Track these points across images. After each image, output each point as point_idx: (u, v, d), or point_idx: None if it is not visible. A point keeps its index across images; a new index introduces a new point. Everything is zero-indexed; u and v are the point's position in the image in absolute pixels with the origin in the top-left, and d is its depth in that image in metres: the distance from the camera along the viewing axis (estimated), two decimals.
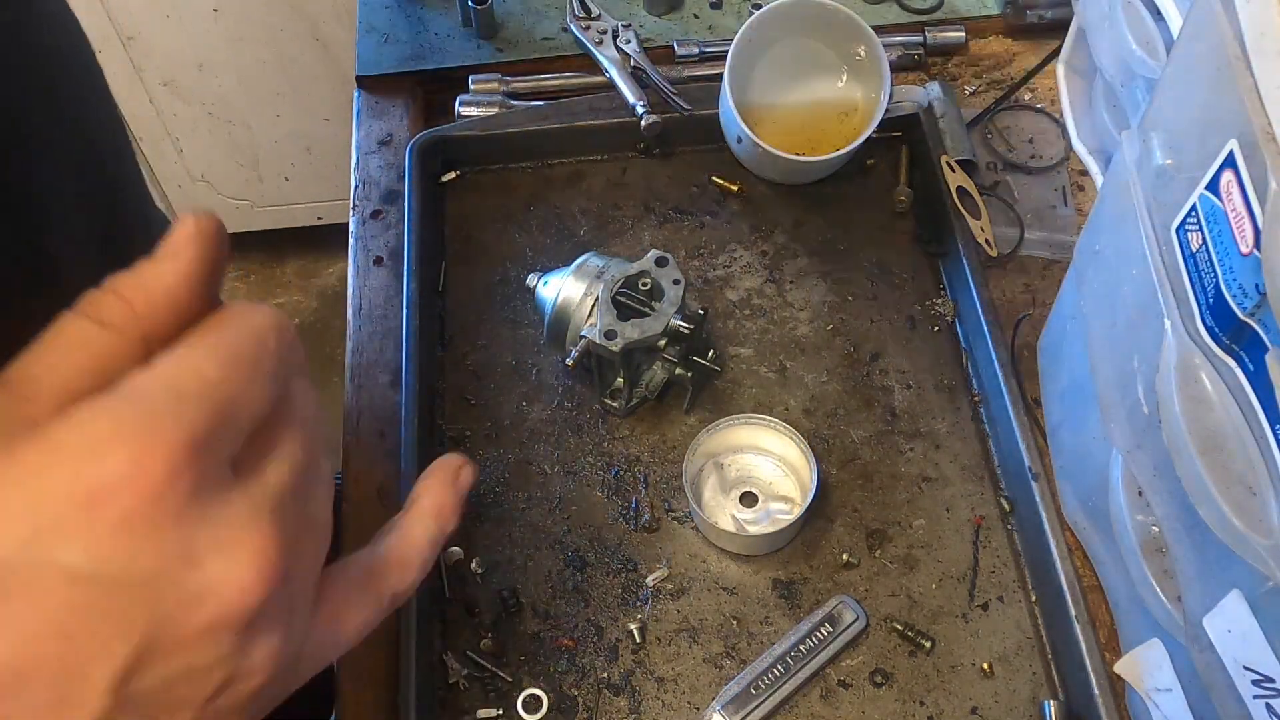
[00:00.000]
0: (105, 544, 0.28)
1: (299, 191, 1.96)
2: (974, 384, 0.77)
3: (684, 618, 0.69)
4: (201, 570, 0.29)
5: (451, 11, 0.96)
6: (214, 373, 0.30)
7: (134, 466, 0.28)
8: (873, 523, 0.72)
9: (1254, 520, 0.45)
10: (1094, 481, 0.64)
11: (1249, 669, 0.48)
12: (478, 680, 0.67)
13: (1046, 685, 0.67)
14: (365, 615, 0.36)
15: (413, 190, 0.83)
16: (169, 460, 0.28)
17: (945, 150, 0.84)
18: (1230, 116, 0.45)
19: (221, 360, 0.30)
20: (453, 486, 0.40)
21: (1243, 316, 0.45)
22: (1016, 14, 0.94)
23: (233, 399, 0.30)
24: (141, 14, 1.66)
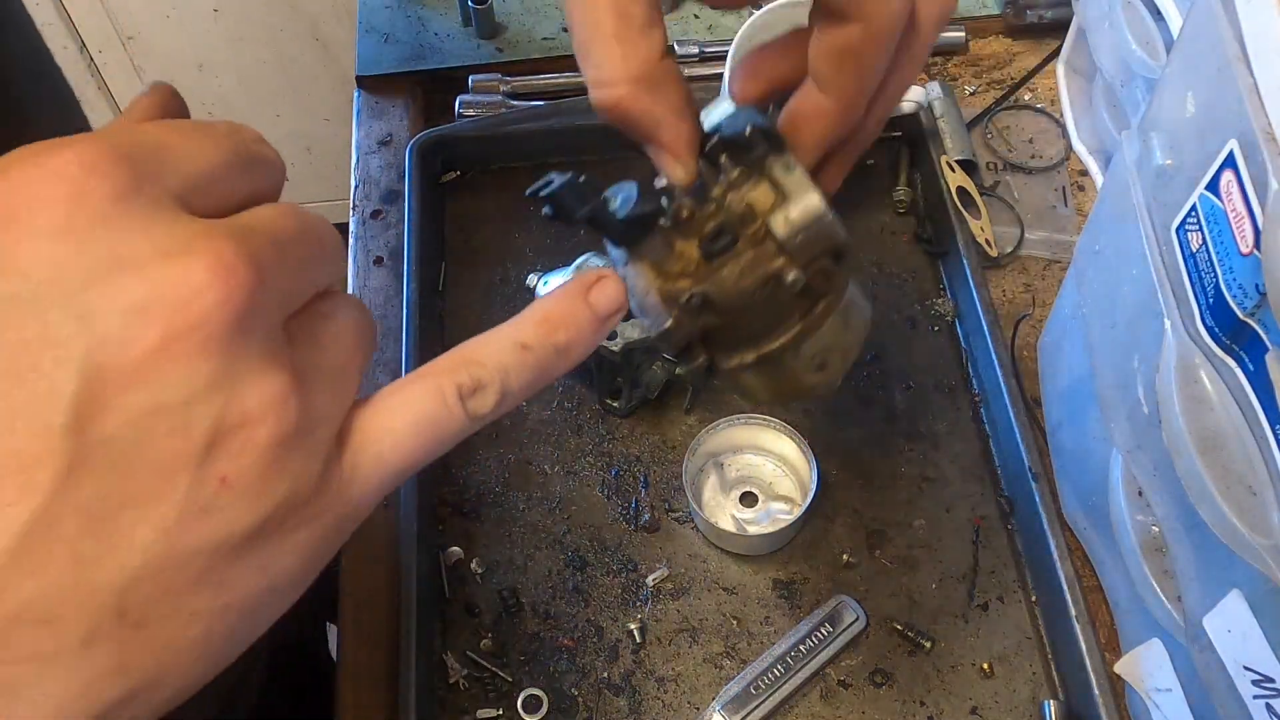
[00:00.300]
0: (21, 257, 0.24)
1: (299, 191, 1.96)
2: (974, 384, 0.77)
3: (684, 618, 0.69)
4: (142, 276, 0.25)
5: (451, 11, 0.96)
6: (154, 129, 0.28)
7: (39, 170, 0.25)
8: (873, 523, 0.72)
9: (1254, 520, 0.45)
10: (1094, 481, 0.64)
11: (1249, 669, 0.48)
12: (478, 680, 0.67)
13: (1046, 685, 0.67)
14: (422, 408, 0.30)
15: (413, 190, 0.83)
16: (80, 159, 0.25)
17: (945, 150, 0.84)
18: (1230, 116, 0.45)
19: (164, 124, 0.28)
20: (577, 297, 0.35)
21: (1243, 316, 0.45)
22: (1016, 14, 0.94)
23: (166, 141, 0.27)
24: (141, 14, 1.66)
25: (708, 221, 0.40)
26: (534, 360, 0.33)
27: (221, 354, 0.25)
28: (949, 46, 0.93)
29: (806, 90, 0.40)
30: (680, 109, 0.38)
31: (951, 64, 0.94)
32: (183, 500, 0.25)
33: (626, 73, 0.37)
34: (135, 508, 0.25)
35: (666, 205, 0.39)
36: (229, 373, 0.26)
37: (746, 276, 0.40)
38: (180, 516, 0.25)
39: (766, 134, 0.40)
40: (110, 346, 0.24)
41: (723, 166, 0.40)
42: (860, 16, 0.37)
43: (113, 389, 0.24)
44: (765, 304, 0.41)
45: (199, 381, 0.25)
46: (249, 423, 0.26)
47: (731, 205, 0.40)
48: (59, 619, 0.24)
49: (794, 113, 0.41)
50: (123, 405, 0.24)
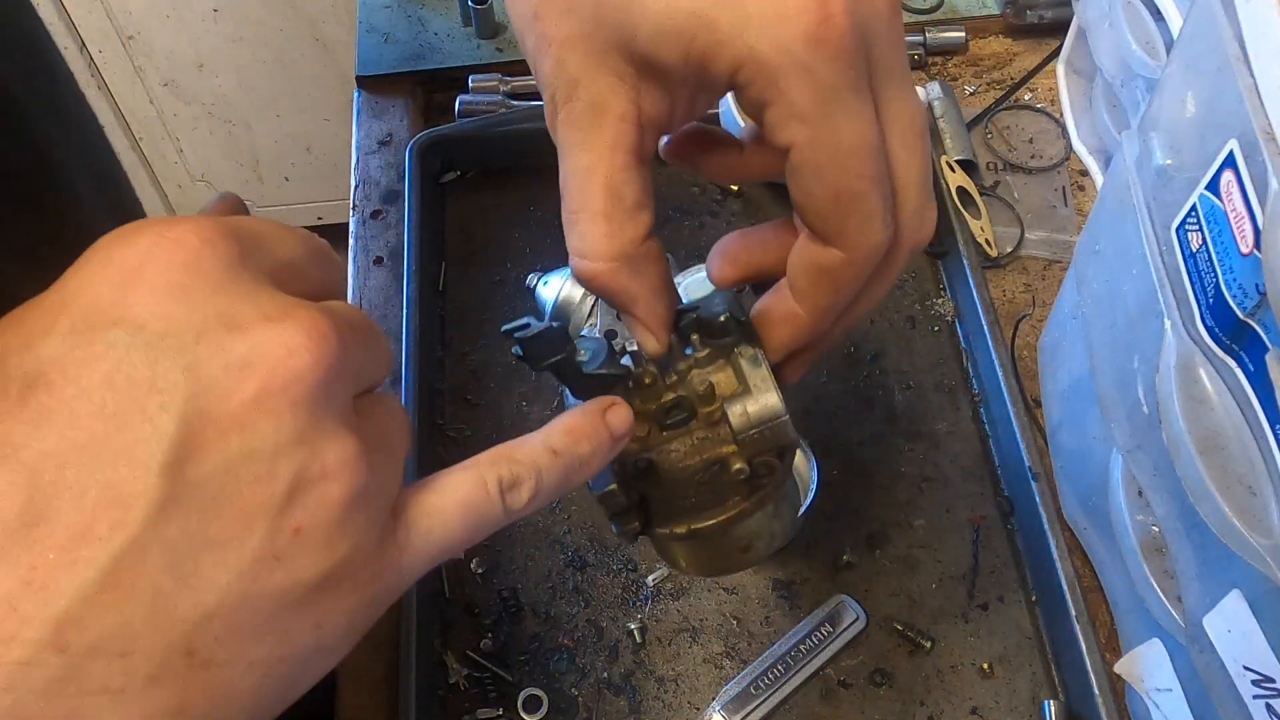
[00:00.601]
0: (139, 309, 0.27)
1: (299, 191, 1.96)
2: (974, 384, 0.77)
3: (684, 618, 0.69)
4: (245, 335, 0.27)
5: (451, 11, 0.96)
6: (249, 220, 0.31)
7: (161, 238, 0.27)
8: (873, 523, 0.72)
9: (1254, 520, 0.45)
10: (1094, 481, 0.64)
11: (1249, 669, 0.48)
12: (478, 680, 0.67)
13: (1046, 685, 0.67)
14: (467, 493, 0.34)
15: (413, 190, 0.83)
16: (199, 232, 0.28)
17: (945, 150, 0.84)
18: (1230, 116, 0.45)
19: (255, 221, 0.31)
20: (596, 416, 0.38)
21: (1243, 316, 0.45)
22: (1016, 14, 0.94)
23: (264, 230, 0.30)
24: (141, 14, 1.66)
25: (668, 391, 0.42)
26: (562, 464, 0.36)
27: (308, 411, 0.28)
28: (949, 46, 0.93)
29: (781, 295, 0.41)
30: (658, 288, 0.40)
31: (951, 64, 0.94)
32: (259, 546, 0.27)
33: (610, 252, 0.38)
34: (216, 549, 0.26)
35: (631, 368, 0.41)
36: (312, 429, 0.28)
37: (694, 455, 0.42)
38: (255, 561, 0.27)
39: (740, 324, 0.42)
40: (212, 396, 0.26)
41: (693, 343, 0.42)
42: (843, 246, 0.37)
43: (210, 435, 0.26)
44: (706, 483, 0.43)
45: (286, 434, 0.27)
46: (326, 478, 0.28)
47: (694, 382, 0.42)
48: (133, 653, 0.25)
49: (766, 313, 0.42)
50: (217, 450, 0.26)
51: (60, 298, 0.27)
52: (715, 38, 0.33)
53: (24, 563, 0.24)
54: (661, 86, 0.36)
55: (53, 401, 0.25)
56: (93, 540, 0.25)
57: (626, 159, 0.37)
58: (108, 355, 0.26)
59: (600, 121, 0.37)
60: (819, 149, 0.35)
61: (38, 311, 0.27)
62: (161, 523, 0.26)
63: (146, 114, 1.81)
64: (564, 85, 0.37)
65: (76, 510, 0.25)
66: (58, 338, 0.26)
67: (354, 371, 0.30)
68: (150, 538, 0.25)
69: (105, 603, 0.25)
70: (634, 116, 0.37)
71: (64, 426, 0.25)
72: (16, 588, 0.24)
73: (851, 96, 0.34)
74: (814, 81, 0.33)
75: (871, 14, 0.34)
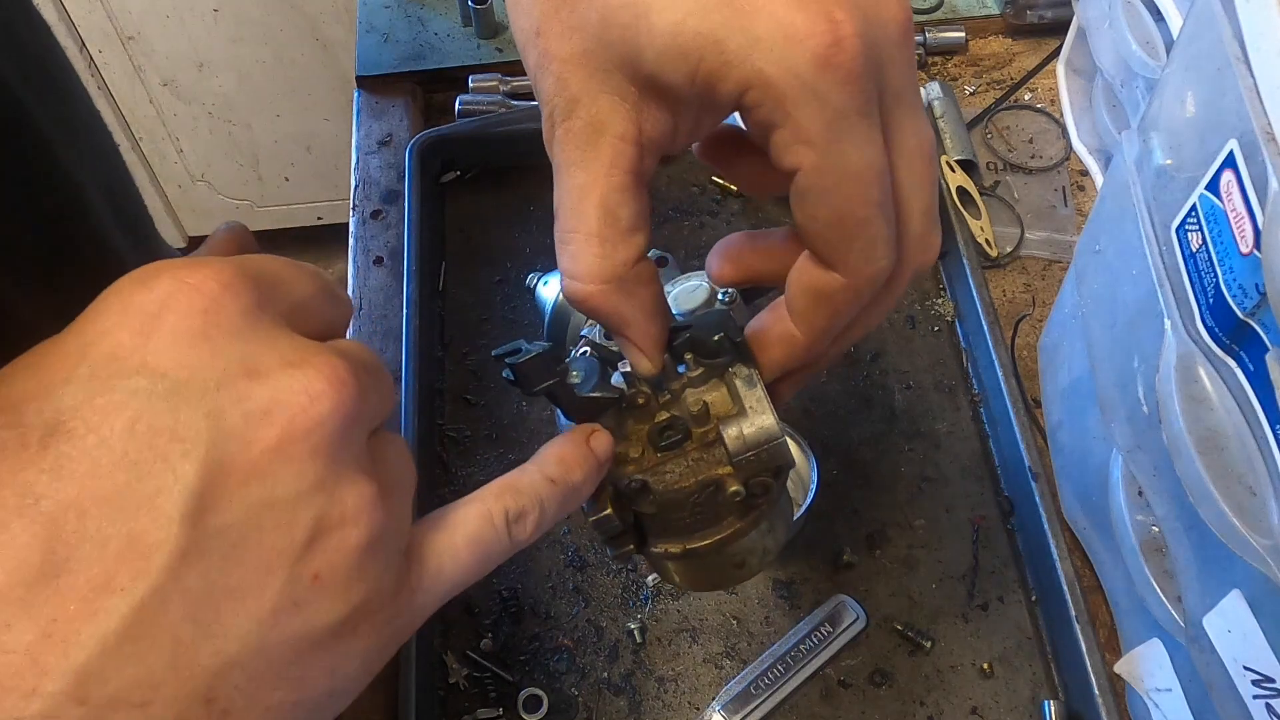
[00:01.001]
0: (160, 356, 0.27)
1: (299, 191, 1.96)
2: (974, 384, 0.77)
3: (684, 618, 0.69)
4: (266, 382, 0.27)
5: (451, 11, 0.96)
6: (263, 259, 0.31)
7: (181, 284, 0.27)
8: (873, 523, 0.72)
9: (1254, 520, 0.45)
10: (1094, 481, 0.64)
11: (1249, 669, 0.48)
12: (478, 680, 0.67)
13: (1046, 685, 0.67)
14: (475, 528, 0.34)
15: (413, 190, 0.83)
16: (218, 277, 0.28)
17: (945, 150, 0.84)
18: (1230, 116, 0.45)
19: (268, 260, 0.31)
20: (582, 443, 0.39)
21: (1243, 316, 0.45)
22: (1016, 14, 0.94)
23: (278, 271, 0.30)
24: (141, 14, 1.66)
25: (662, 410, 0.42)
26: (560, 493, 0.37)
27: (327, 458, 0.28)
28: (949, 46, 0.93)
29: (778, 314, 0.41)
30: (650, 310, 0.39)
31: (951, 64, 0.94)
32: (279, 593, 0.27)
33: (601, 274, 0.37)
34: (236, 598, 0.26)
35: (625, 389, 0.41)
36: (332, 476, 0.28)
37: (689, 477, 0.42)
38: (275, 609, 0.27)
39: (735, 345, 0.41)
40: (233, 444, 0.26)
41: (686, 362, 0.42)
42: (845, 272, 0.37)
43: (232, 483, 0.26)
44: (701, 504, 0.43)
45: (307, 482, 0.27)
46: (345, 523, 0.28)
47: (688, 401, 0.42)
48: (153, 703, 0.25)
49: (763, 333, 0.41)
50: (238, 499, 0.26)
51: (79, 343, 0.27)
52: (723, 59, 0.33)
53: (45, 614, 0.24)
54: (665, 107, 0.36)
55: (74, 450, 0.25)
56: (114, 590, 0.25)
57: (624, 179, 0.37)
58: (129, 404, 0.26)
59: (598, 141, 0.36)
60: (825, 174, 0.34)
61: (55, 356, 0.27)
62: (183, 572, 0.26)
63: (146, 114, 1.81)
64: (564, 103, 0.36)
65: (98, 560, 0.25)
66: (78, 385, 0.26)
67: (369, 413, 0.30)
68: (171, 587, 0.25)
69: (126, 654, 0.25)
70: (634, 136, 0.36)
71: (85, 476, 0.25)
72: (37, 640, 0.24)
73: (860, 122, 0.34)
74: (822, 106, 0.33)
75: (883, 38, 0.33)
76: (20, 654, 0.24)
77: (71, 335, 0.27)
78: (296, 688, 0.28)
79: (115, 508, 0.25)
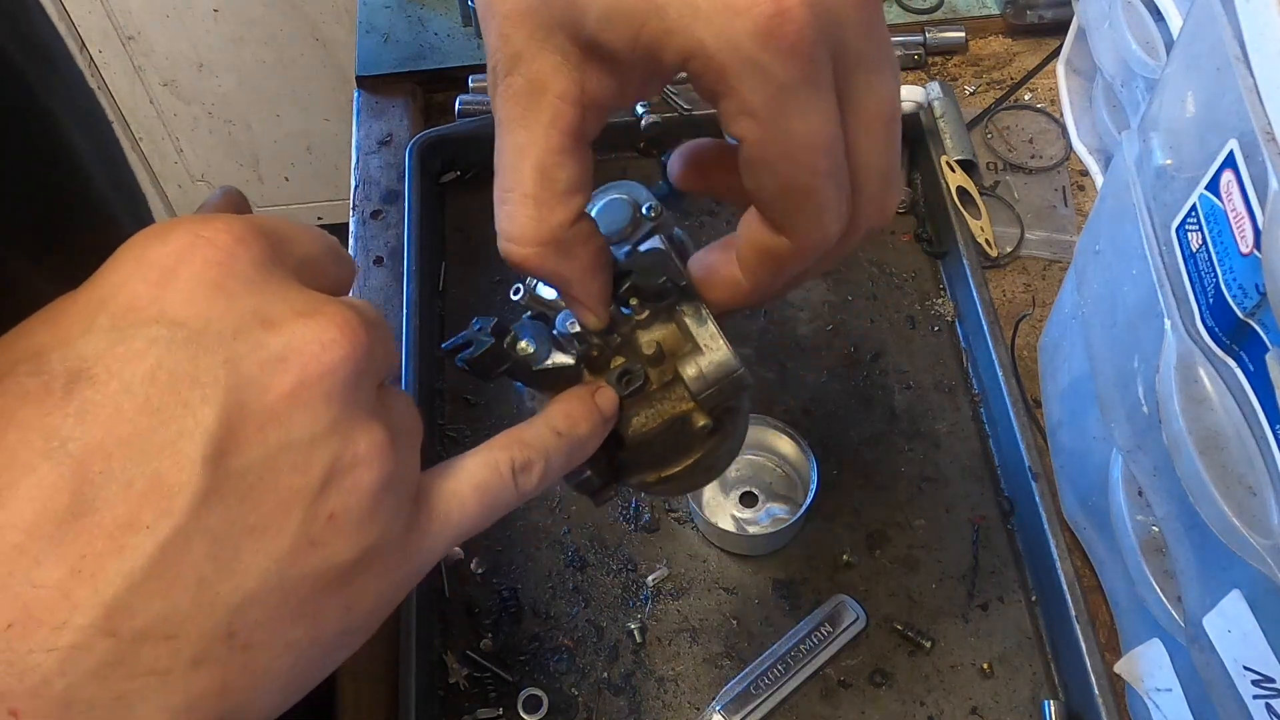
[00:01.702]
0: (178, 307, 0.28)
1: (299, 191, 1.96)
2: (974, 384, 0.77)
3: (684, 618, 0.69)
4: (280, 331, 0.28)
5: (451, 11, 0.96)
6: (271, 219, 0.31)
7: (196, 238, 0.28)
8: (873, 523, 0.72)
9: (1254, 520, 0.45)
10: (1094, 481, 0.64)
11: (1249, 669, 0.48)
12: (478, 680, 0.67)
13: (1046, 685, 0.67)
14: (483, 476, 0.35)
15: (413, 190, 0.83)
16: (230, 231, 0.29)
17: (945, 150, 0.84)
18: (1230, 116, 0.45)
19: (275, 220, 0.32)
20: (588, 398, 0.40)
21: (1243, 316, 0.45)
22: (1016, 14, 0.94)
23: (286, 229, 0.31)
24: (141, 14, 1.66)
25: (616, 356, 0.42)
26: (566, 445, 0.38)
27: (342, 402, 0.29)
28: (949, 46, 0.93)
29: (727, 257, 0.41)
30: (590, 268, 0.39)
31: (951, 64, 0.94)
32: (296, 531, 0.28)
33: (537, 237, 0.38)
34: (256, 536, 0.27)
35: (578, 351, 0.41)
36: (345, 419, 0.29)
37: (655, 420, 0.43)
38: (293, 547, 0.28)
39: (680, 287, 0.42)
40: (251, 389, 0.27)
41: (632, 306, 0.42)
42: (792, 237, 0.37)
43: (250, 427, 0.27)
44: (667, 442, 0.44)
45: (321, 425, 0.28)
46: (358, 465, 0.29)
47: (640, 344, 0.42)
48: (178, 636, 0.26)
49: (710, 272, 0.42)
50: (257, 442, 0.27)
51: (97, 295, 0.28)
52: (664, 26, 0.32)
53: (74, 551, 0.25)
54: (609, 69, 0.35)
55: (98, 396, 0.26)
56: (139, 529, 0.26)
57: (562, 141, 0.36)
58: (149, 351, 0.27)
59: (539, 101, 0.36)
60: (769, 146, 0.34)
61: (74, 308, 0.28)
62: (204, 512, 0.26)
63: (146, 114, 1.81)
64: (505, 59, 0.36)
65: (123, 501, 0.26)
66: (98, 334, 0.27)
67: (378, 363, 0.31)
68: (194, 526, 0.26)
69: (152, 589, 0.26)
70: (575, 97, 0.36)
71: (109, 420, 0.26)
72: (67, 575, 0.25)
73: (808, 92, 0.33)
74: (766, 79, 0.32)
75: (838, 1, 0.32)
76: (51, 589, 0.25)
77: (89, 289, 0.28)
78: (313, 624, 0.29)
79: (139, 450, 0.26)
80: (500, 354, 0.40)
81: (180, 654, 0.26)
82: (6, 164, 0.49)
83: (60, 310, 0.28)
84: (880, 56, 0.35)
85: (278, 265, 0.30)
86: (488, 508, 0.35)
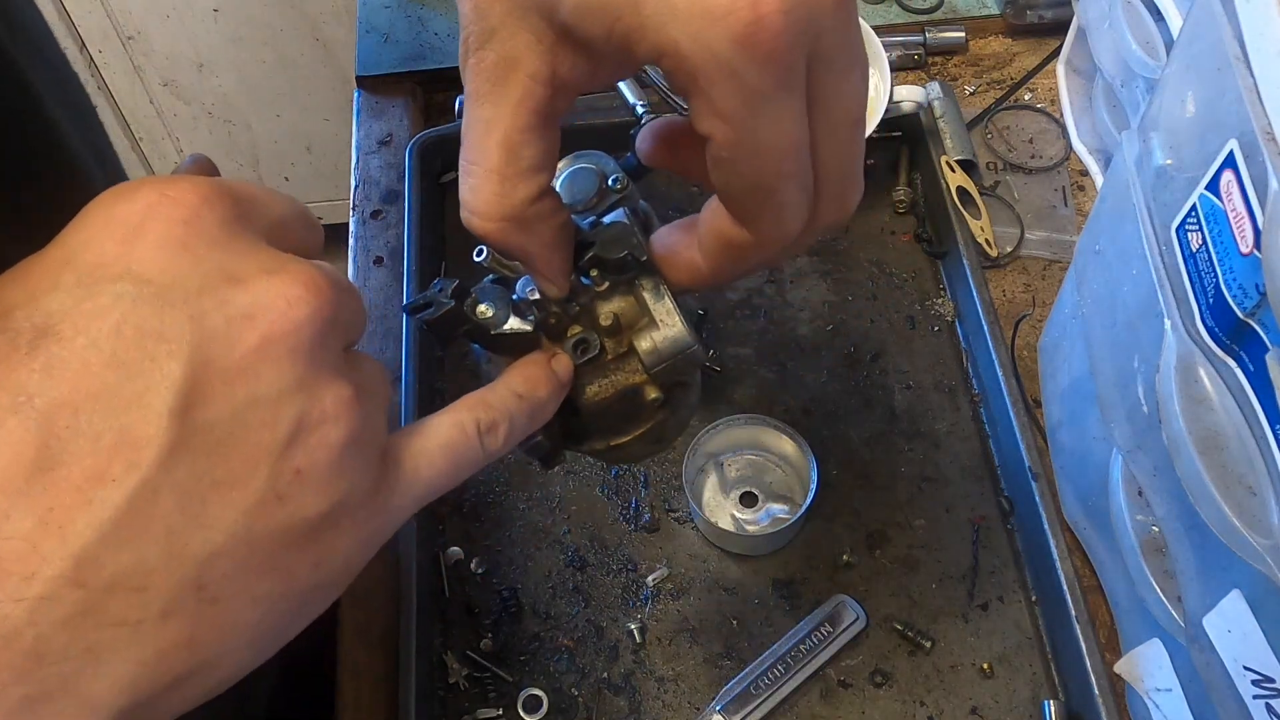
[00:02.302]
0: (144, 263, 0.28)
1: (299, 191, 1.96)
2: (974, 384, 0.77)
3: (684, 618, 0.69)
4: (246, 288, 0.28)
5: (451, 11, 0.96)
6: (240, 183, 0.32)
7: (162, 196, 0.29)
8: (873, 523, 0.72)
9: (1254, 520, 0.45)
10: (1094, 481, 0.64)
11: (1249, 669, 0.48)
12: (478, 680, 0.67)
13: (1046, 685, 0.67)
14: (450, 435, 0.35)
15: (413, 190, 0.83)
16: (197, 190, 0.29)
17: (945, 150, 0.84)
18: (1230, 116, 0.45)
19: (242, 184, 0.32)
20: (545, 363, 0.41)
21: (1243, 316, 0.45)
22: (1016, 14, 0.94)
23: (254, 192, 0.31)
24: (141, 14, 1.66)
25: (574, 324, 0.43)
26: (528, 408, 0.39)
27: (308, 359, 0.29)
28: (949, 46, 0.93)
29: (689, 239, 0.41)
30: (552, 243, 0.40)
31: (951, 64, 0.94)
32: (263, 486, 0.28)
33: (499, 212, 0.38)
34: (223, 490, 0.27)
35: (536, 317, 0.42)
36: (311, 376, 0.29)
37: (608, 389, 0.43)
38: (260, 500, 0.28)
39: (639, 263, 0.42)
40: (217, 344, 0.27)
41: (592, 277, 0.43)
42: (754, 232, 0.37)
43: (216, 382, 0.27)
44: (621, 410, 0.44)
45: (287, 381, 0.28)
46: (325, 421, 0.29)
47: (598, 313, 0.43)
48: (147, 588, 0.26)
49: (670, 254, 0.42)
50: (223, 397, 0.27)
51: (63, 253, 0.28)
52: (639, 20, 0.32)
53: (42, 504, 0.26)
54: (582, 53, 0.36)
55: (64, 351, 0.26)
56: (107, 482, 0.26)
57: (530, 119, 0.37)
58: (115, 307, 0.27)
59: (509, 78, 0.36)
60: (737, 148, 0.34)
61: (40, 266, 0.28)
62: (171, 465, 0.27)
63: (146, 114, 1.81)
64: (479, 32, 0.36)
65: (91, 454, 0.26)
66: (64, 291, 0.27)
67: (345, 324, 0.31)
68: (161, 479, 0.26)
69: (120, 541, 0.26)
70: (546, 77, 0.36)
71: (76, 375, 0.26)
72: (35, 527, 0.25)
73: (779, 97, 0.33)
74: (739, 85, 0.32)
75: (817, 6, 0.32)
76: (19, 540, 0.25)
77: (56, 247, 0.28)
78: (283, 579, 0.29)
79: (106, 405, 0.26)
80: (459, 316, 0.41)
81: (149, 605, 0.27)
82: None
83: (26, 268, 0.28)
84: (851, 58, 0.35)
85: (245, 226, 0.30)
86: (455, 466, 0.35)
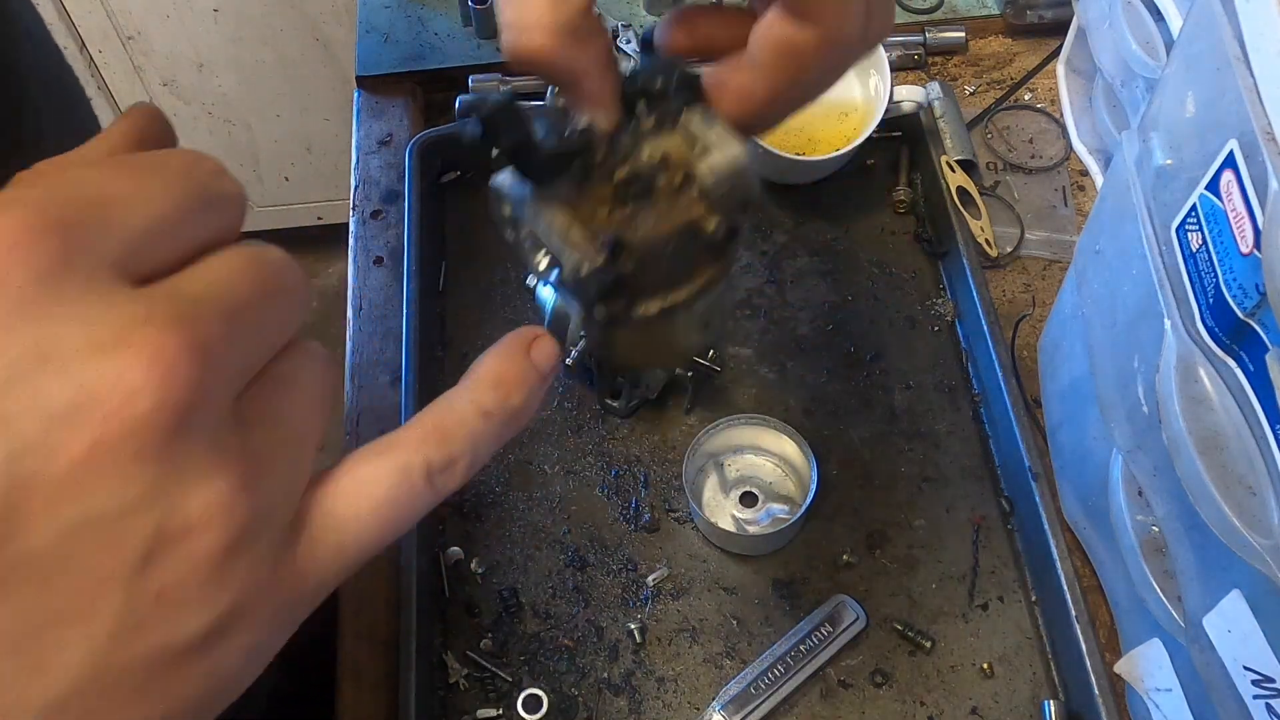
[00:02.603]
0: None
1: (299, 191, 1.96)
2: (974, 384, 0.77)
3: (684, 618, 0.69)
4: (69, 374, 0.22)
5: (451, 11, 0.96)
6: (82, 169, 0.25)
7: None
8: (873, 523, 0.72)
9: (1254, 520, 0.45)
10: (1094, 481, 0.64)
11: (1249, 669, 0.48)
12: (478, 680, 0.67)
13: (1046, 685, 0.67)
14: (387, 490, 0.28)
15: (413, 190, 0.83)
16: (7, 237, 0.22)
17: (945, 150, 0.84)
18: (1230, 116, 0.45)
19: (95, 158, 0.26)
20: (521, 356, 0.33)
21: (1243, 316, 0.45)
22: (1016, 14, 0.94)
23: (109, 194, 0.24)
24: (141, 14, 1.66)
25: (620, 166, 0.39)
26: (497, 425, 0.31)
27: (159, 460, 0.23)
28: (949, 46, 0.93)
29: (740, 65, 0.38)
30: (604, 60, 0.36)
31: (951, 64, 0.94)
32: (115, 617, 0.23)
33: (554, 20, 0.34)
34: (61, 627, 0.23)
35: (591, 137, 0.38)
36: (168, 479, 0.23)
37: (665, 223, 0.40)
38: (113, 633, 0.23)
39: (689, 84, 0.39)
40: (34, 456, 0.22)
41: (638, 114, 0.39)
42: (821, 23, 0.35)
43: (37, 502, 0.22)
44: (676, 254, 0.41)
45: (133, 492, 0.23)
46: (191, 532, 0.24)
47: (645, 154, 0.40)
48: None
49: (720, 83, 0.39)
50: (47, 519, 0.22)
51: None
52: None
53: None
54: None
55: None
56: None
57: None
58: None
59: None
60: None
61: None
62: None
63: None
64: None
65: None
66: None
67: (230, 376, 0.25)
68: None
69: None
70: None
71: None
72: None
73: None
74: None
75: None
76: None
77: None
78: (165, 697, 0.25)
79: None
80: (516, 120, 0.36)
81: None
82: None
83: None
84: None
85: (76, 267, 0.23)
86: (394, 524, 0.28)
